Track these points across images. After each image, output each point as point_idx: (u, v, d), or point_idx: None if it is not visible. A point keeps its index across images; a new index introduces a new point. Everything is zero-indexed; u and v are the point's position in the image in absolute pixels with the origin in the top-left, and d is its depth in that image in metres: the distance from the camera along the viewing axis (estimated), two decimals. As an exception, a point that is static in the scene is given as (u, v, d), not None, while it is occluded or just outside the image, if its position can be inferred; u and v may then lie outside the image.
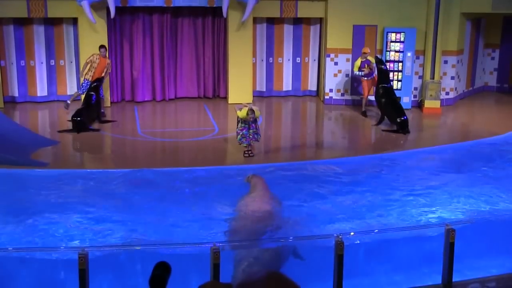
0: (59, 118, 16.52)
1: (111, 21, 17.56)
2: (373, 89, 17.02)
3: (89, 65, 16.17)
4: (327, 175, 12.77)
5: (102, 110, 16.46)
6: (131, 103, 18.27)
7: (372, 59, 16.98)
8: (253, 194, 11.02)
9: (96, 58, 16.18)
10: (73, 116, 15.28)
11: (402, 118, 15.51)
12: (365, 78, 17.06)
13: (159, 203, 11.19)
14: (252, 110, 13.19)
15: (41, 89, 17.98)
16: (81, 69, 16.60)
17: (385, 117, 16.09)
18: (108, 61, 16.35)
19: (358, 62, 17.03)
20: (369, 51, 17.04)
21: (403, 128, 15.48)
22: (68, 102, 16.55)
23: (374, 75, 16.98)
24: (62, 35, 17.83)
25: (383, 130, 15.83)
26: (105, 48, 16.29)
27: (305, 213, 10.85)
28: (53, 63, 17.96)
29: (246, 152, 13.51)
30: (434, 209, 11.16)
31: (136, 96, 18.38)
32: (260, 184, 11.37)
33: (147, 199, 11.35)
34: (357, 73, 17.06)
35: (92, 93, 15.73)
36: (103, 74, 16.25)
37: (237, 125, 13.62)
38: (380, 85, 16.20)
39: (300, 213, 10.84)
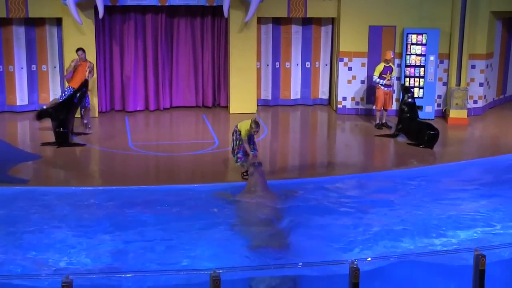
0: (41, 130, 16.53)
1: (99, 21, 17.62)
2: (389, 103, 17.05)
3: (72, 68, 16.18)
4: (340, 194, 12.75)
5: (85, 121, 16.47)
6: (121, 113, 18.29)
7: (394, 67, 17.05)
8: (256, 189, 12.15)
9: (78, 64, 16.14)
10: (56, 127, 15.23)
11: (433, 132, 15.47)
12: (383, 88, 17.00)
13: (152, 224, 11.17)
14: (256, 123, 13.08)
15: (21, 98, 18.00)
16: (65, 73, 16.60)
17: (410, 133, 16.08)
18: (89, 63, 16.31)
19: (380, 67, 16.98)
20: (392, 56, 17.04)
21: (431, 142, 15.44)
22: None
23: (392, 88, 17.02)
24: (45, 38, 17.88)
25: (408, 144, 15.80)
26: (83, 50, 16.28)
27: (316, 237, 10.82)
28: (34, 69, 17.99)
29: (245, 172, 13.39)
30: (461, 232, 11.11)
31: (127, 105, 18.39)
32: (260, 183, 12.21)
33: (139, 220, 11.33)
34: (377, 79, 17.01)
35: (75, 100, 15.73)
36: (86, 77, 16.20)
37: (234, 143, 13.46)
38: (406, 101, 16.27)
39: (311, 237, 10.81)
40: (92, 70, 16.34)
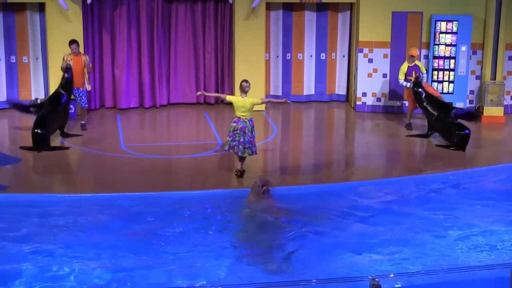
0: (21, 130, 16.58)
1: (87, 7, 17.68)
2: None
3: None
4: (360, 202, 12.77)
5: (82, 122, 16.55)
6: (112, 110, 18.34)
7: (421, 65, 16.96)
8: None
9: (69, 59, 16.14)
10: (34, 128, 15.10)
11: (464, 132, 15.45)
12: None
13: (147, 236, 11.20)
14: (245, 80, 13.73)
15: (-1, 93, 18.11)
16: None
17: (438, 131, 16.08)
18: (84, 57, 16.33)
19: (404, 68, 16.92)
20: (418, 53, 17.01)
21: (462, 143, 15.42)
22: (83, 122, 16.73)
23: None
24: (26, 25, 17.92)
25: (436, 145, 15.81)
26: (77, 43, 16.31)
27: (332, 251, 10.84)
28: (14, 60, 18.06)
29: (238, 171, 13.59)
30: (497, 245, 11.11)
31: (118, 102, 18.45)
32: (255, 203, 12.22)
33: (131, 231, 11.36)
34: (403, 82, 16.92)
35: (63, 93, 15.72)
36: (86, 76, 16.28)
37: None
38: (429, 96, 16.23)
39: (326, 251, 10.83)
40: (88, 65, 16.33)
